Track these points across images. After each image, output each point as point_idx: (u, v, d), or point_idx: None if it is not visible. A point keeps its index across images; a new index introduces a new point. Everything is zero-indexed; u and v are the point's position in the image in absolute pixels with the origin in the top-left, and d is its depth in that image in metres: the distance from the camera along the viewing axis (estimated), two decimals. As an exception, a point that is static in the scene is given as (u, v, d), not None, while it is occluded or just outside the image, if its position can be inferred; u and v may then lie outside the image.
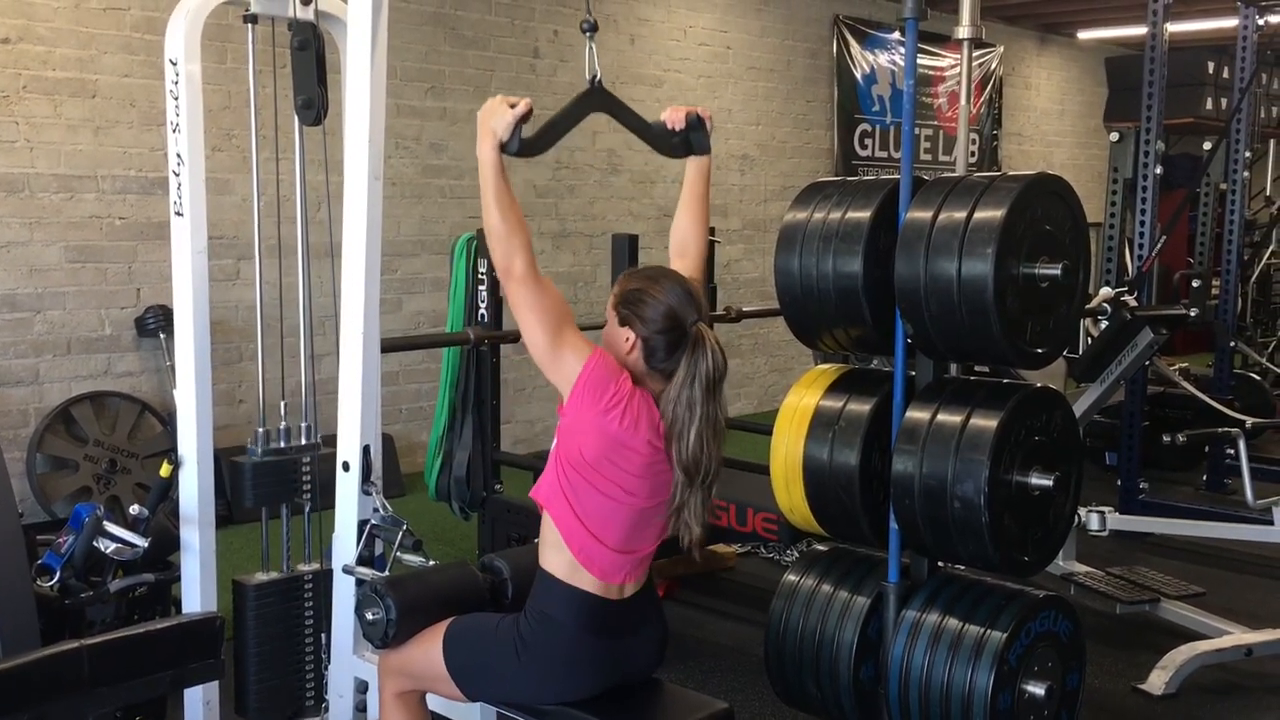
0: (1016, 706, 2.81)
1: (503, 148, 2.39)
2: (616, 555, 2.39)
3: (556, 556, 2.39)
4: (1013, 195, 2.69)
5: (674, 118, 2.68)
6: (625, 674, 2.46)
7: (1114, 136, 5.76)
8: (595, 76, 2.61)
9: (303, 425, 3.26)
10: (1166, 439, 4.89)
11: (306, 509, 3.28)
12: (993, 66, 10.90)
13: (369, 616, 2.56)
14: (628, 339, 2.38)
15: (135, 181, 5.74)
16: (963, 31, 3.05)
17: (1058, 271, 2.73)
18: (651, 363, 2.37)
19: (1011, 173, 2.80)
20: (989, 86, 10.89)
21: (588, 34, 2.66)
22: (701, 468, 2.33)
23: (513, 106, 2.38)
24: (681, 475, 2.33)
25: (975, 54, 10.99)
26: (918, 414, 2.87)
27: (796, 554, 5.03)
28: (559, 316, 2.35)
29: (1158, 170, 5.39)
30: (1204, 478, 6.62)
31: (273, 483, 3.19)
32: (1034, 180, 2.75)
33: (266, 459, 3.17)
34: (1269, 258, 8.94)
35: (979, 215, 2.70)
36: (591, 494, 2.35)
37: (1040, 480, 2.78)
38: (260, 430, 3.19)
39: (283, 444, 3.22)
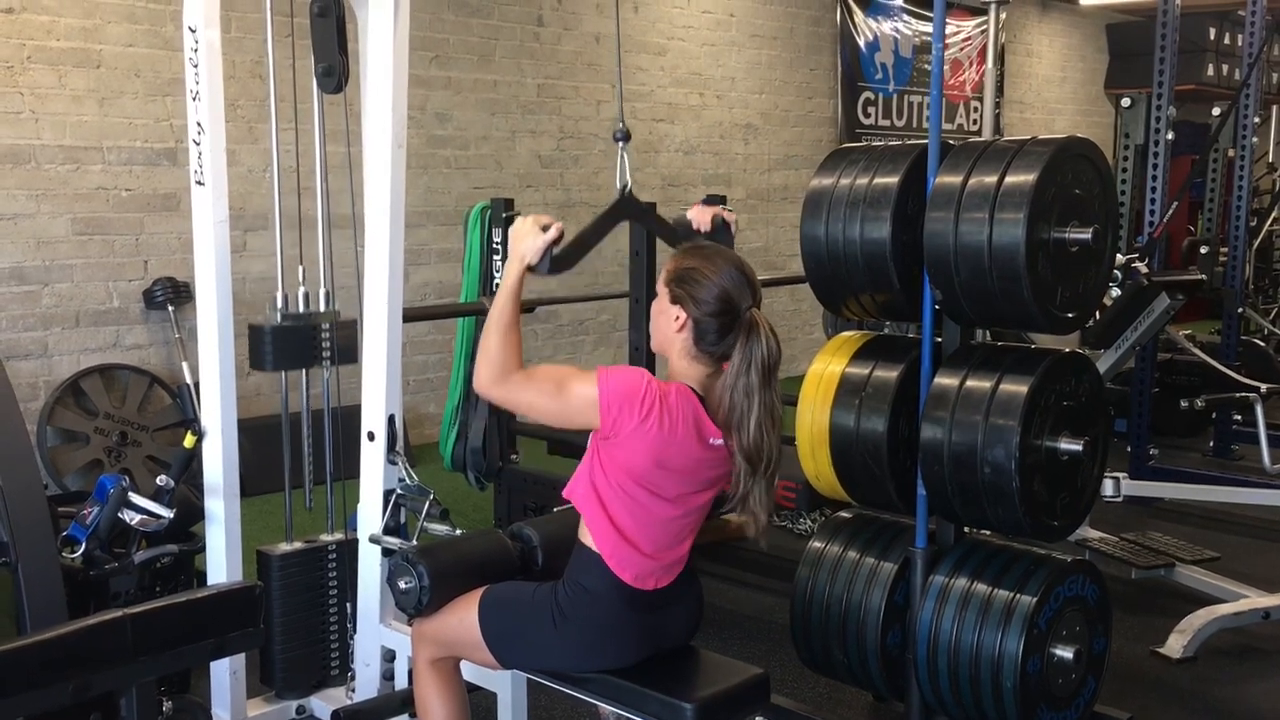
0: (1045, 670, 2.83)
1: (531, 269, 2.38)
2: (649, 560, 2.38)
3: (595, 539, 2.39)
4: (1044, 159, 2.68)
5: (700, 219, 2.69)
6: (661, 644, 2.46)
7: (1126, 102, 5.74)
8: (626, 186, 2.62)
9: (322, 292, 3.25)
10: (1185, 404, 4.89)
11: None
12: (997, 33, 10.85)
13: (402, 585, 2.55)
14: (678, 318, 2.35)
15: (141, 153, 5.70)
16: (990, -6, 3.03)
17: (1088, 236, 2.72)
18: (701, 345, 2.34)
19: (1042, 136, 2.78)
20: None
21: (620, 142, 2.66)
22: (764, 456, 2.30)
23: (545, 229, 2.37)
24: (744, 464, 2.31)
25: (978, 20, 10.83)
26: (946, 380, 2.86)
27: (810, 521, 5.05)
28: (553, 380, 2.30)
29: (1170, 136, 5.37)
30: (1211, 444, 6.64)
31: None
32: (1065, 144, 2.74)
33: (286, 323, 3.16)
34: (1270, 223, 8.94)
35: (1010, 180, 2.69)
36: (630, 502, 2.33)
37: (1070, 445, 2.78)
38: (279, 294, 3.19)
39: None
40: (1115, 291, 4.84)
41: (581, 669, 2.42)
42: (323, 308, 3.24)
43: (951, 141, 2.94)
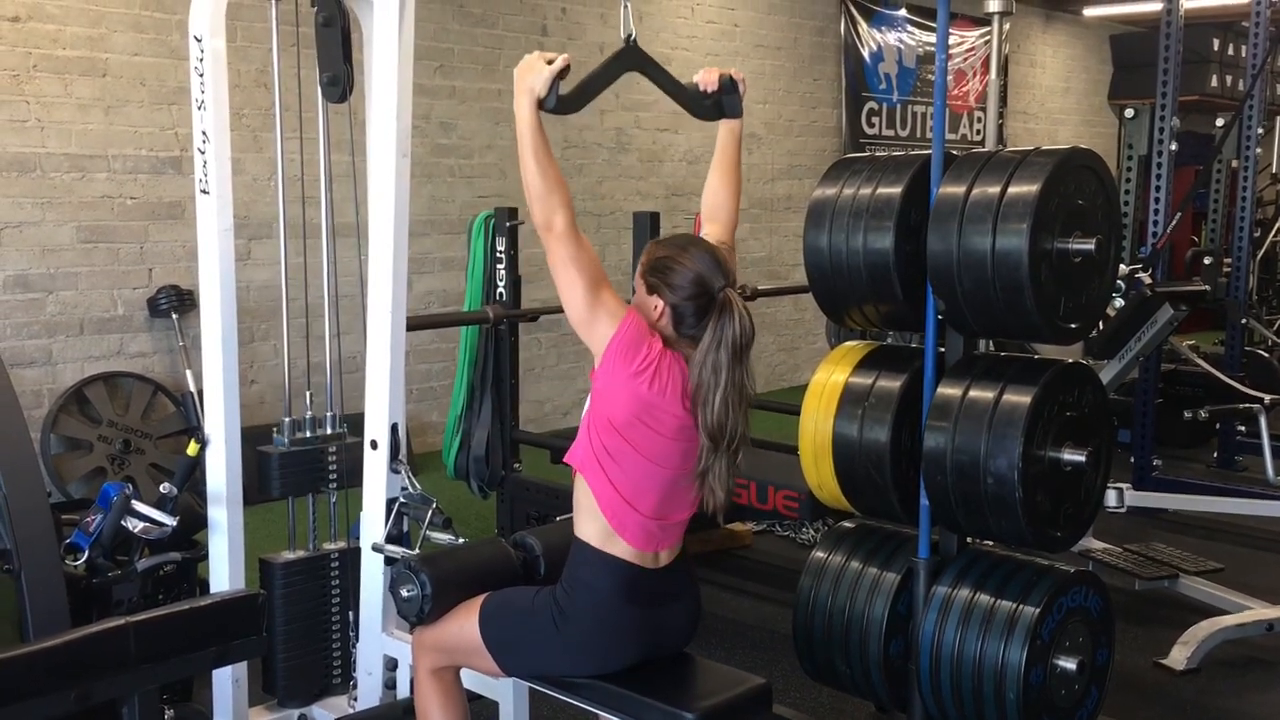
0: (1048, 681, 2.82)
1: (540, 104, 2.37)
2: (649, 521, 2.39)
3: (591, 524, 2.39)
4: (1047, 170, 2.68)
5: (707, 80, 2.68)
6: (659, 645, 2.46)
7: (1129, 113, 5.74)
8: (630, 35, 2.61)
9: (328, 415, 3.28)
10: (1189, 415, 4.88)
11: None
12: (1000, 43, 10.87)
13: (404, 593, 2.56)
14: (656, 306, 2.37)
15: (146, 161, 5.71)
16: (993, 4, 3.04)
17: (1091, 247, 2.72)
18: (681, 330, 2.37)
19: (1045, 147, 2.79)
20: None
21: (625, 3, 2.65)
22: (726, 433, 2.32)
23: (549, 63, 2.37)
24: (707, 440, 2.33)
25: (981, 31, 10.85)
26: (949, 390, 2.86)
27: (813, 531, 5.04)
28: (597, 274, 2.35)
29: (1173, 147, 5.38)
30: (1215, 455, 6.63)
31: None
32: (1068, 155, 2.74)
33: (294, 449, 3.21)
34: (1274, 234, 8.94)
35: (1013, 190, 2.69)
36: (624, 458, 2.35)
37: (1073, 456, 2.78)
38: (287, 420, 3.21)
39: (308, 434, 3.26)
40: (1119, 302, 4.85)
41: (581, 673, 2.42)
42: (330, 430, 3.27)
43: (955, 152, 2.94)
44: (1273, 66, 10.46)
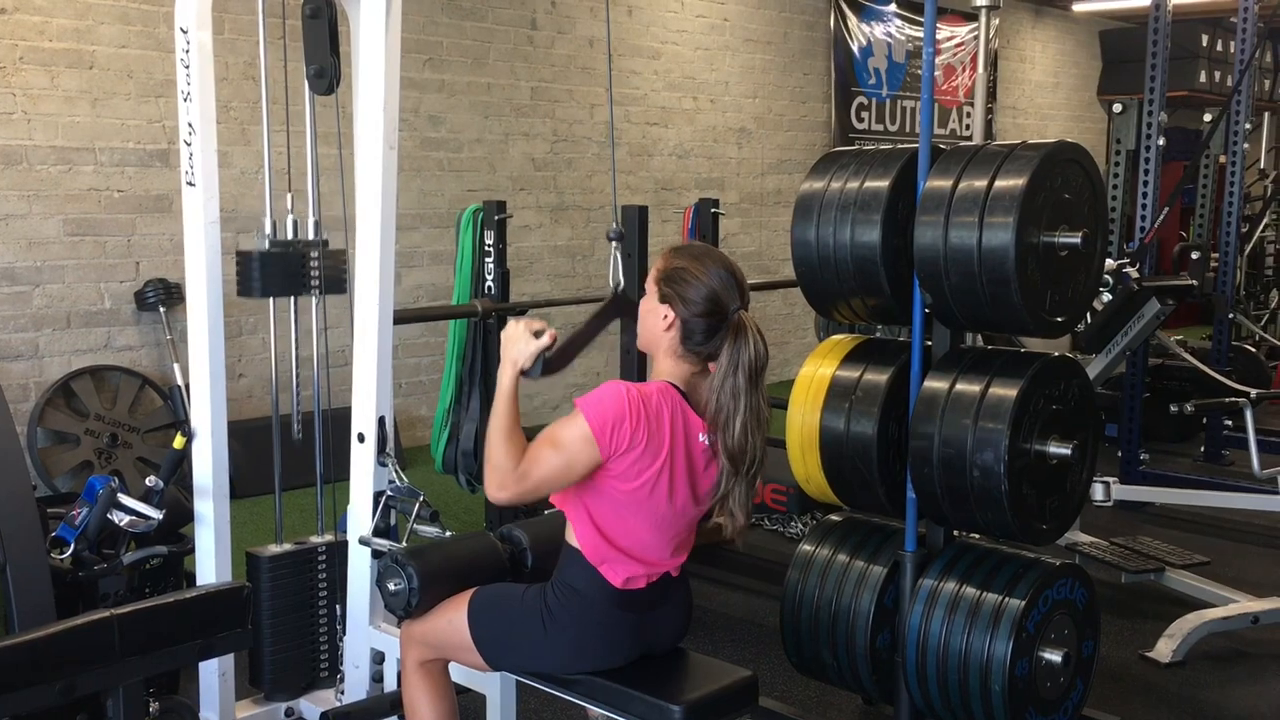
0: (1034, 673, 2.83)
1: (523, 373, 2.36)
2: (638, 564, 2.39)
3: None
4: (1034, 164, 2.69)
5: None
6: (649, 646, 2.46)
7: (1117, 108, 5.75)
8: (619, 285, 2.62)
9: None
10: (1174, 409, 4.91)
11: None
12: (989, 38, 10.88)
13: (391, 587, 2.55)
14: (666, 317, 2.36)
15: (133, 154, 5.69)
16: (981, -1, 3.04)
17: (1077, 240, 2.73)
18: (688, 344, 2.36)
19: (1032, 141, 2.79)
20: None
21: (614, 242, 2.65)
22: (747, 457, 2.31)
23: (537, 334, 2.36)
24: (727, 464, 2.32)
25: (971, 26, 10.86)
26: (936, 383, 2.87)
27: (801, 525, 5.05)
28: (545, 445, 2.27)
29: (1161, 142, 5.39)
30: (1202, 449, 6.66)
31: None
32: (1054, 148, 2.74)
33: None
34: (1261, 230, 8.99)
35: (1000, 184, 2.69)
36: (620, 510, 2.34)
37: (1058, 449, 2.79)
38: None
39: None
40: (1106, 297, 4.86)
41: (571, 670, 2.42)
42: (311, 236, 3.22)
43: (943, 146, 2.95)
44: (1260, 62, 10.51)
